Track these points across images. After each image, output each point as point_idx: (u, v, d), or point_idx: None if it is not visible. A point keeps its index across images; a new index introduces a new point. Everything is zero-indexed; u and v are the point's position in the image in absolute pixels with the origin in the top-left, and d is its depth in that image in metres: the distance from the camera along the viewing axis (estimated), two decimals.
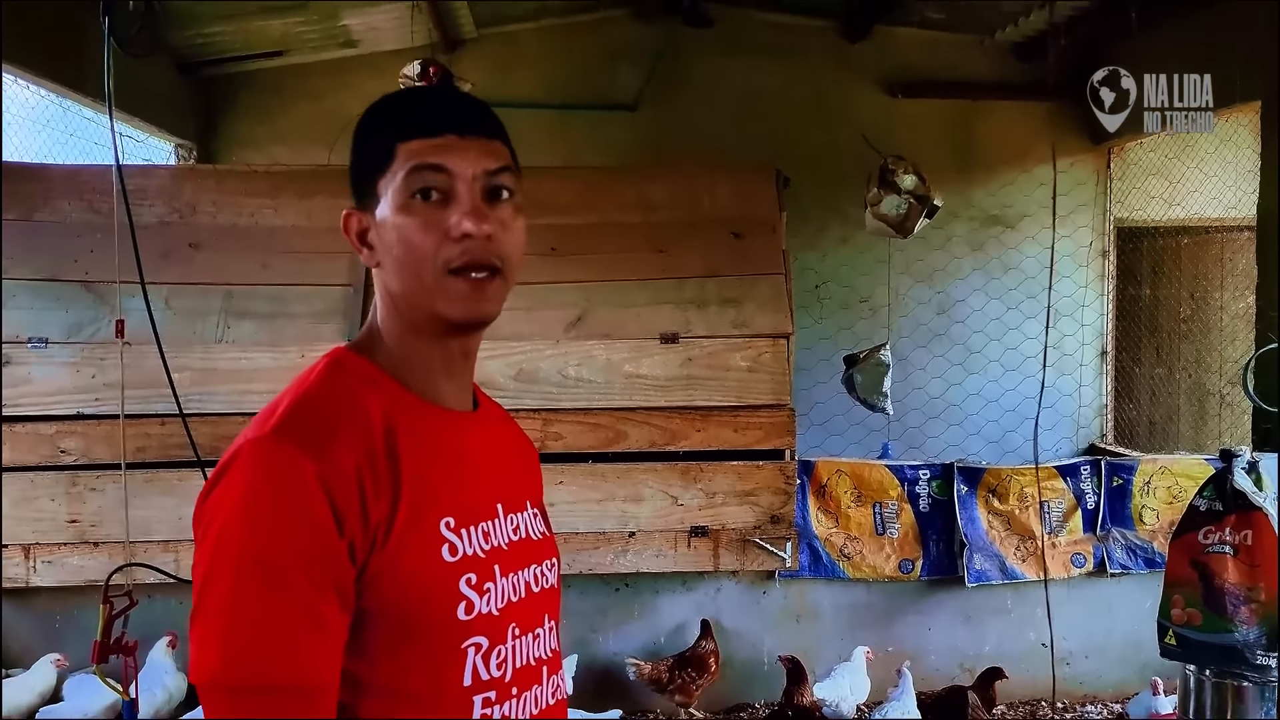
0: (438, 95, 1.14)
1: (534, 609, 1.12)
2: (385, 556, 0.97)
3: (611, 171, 4.43)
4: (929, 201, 4.19)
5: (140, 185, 3.97)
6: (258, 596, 0.92)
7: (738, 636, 4.14)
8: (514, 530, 1.13)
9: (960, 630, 4.22)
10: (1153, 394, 6.67)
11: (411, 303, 1.06)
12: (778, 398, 3.76)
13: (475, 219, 1.03)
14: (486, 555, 1.06)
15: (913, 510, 4.20)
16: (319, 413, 1.00)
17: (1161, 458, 4.46)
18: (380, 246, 1.07)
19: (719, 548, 3.81)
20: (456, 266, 1.03)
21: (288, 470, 0.94)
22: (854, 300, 6.09)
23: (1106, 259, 6.41)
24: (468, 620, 1.02)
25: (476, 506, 1.08)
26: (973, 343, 6.12)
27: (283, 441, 0.95)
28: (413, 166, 1.03)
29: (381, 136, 1.07)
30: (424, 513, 1.01)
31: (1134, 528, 4.25)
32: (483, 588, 1.04)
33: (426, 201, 1.04)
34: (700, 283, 3.87)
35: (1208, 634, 2.97)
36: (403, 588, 0.98)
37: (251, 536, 0.93)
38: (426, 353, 1.10)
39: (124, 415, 3.26)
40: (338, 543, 0.94)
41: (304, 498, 0.93)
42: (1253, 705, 2.95)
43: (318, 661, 0.94)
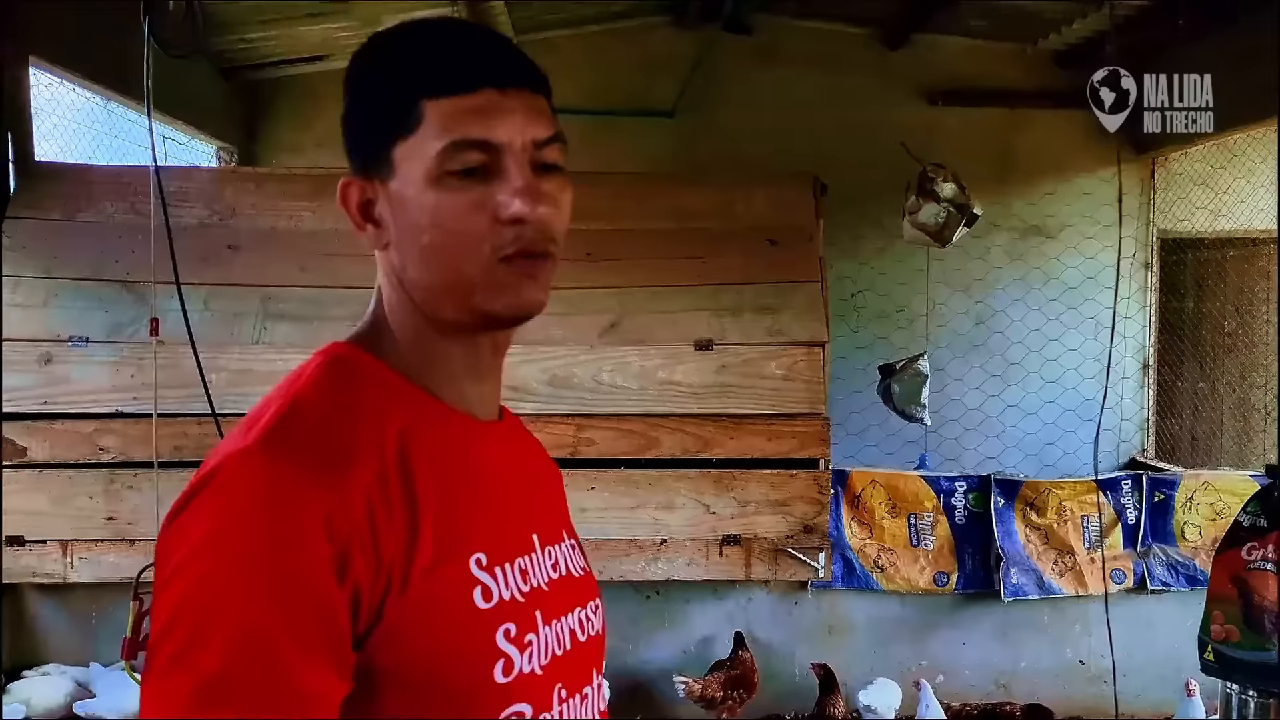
0: (468, 35, 0.87)
1: (581, 663, 0.91)
2: (406, 604, 0.77)
3: (649, 178, 4.41)
4: (968, 210, 4.15)
5: (181, 187, 4.02)
6: (229, 665, 0.70)
7: (769, 647, 4.11)
8: (553, 567, 0.92)
9: (996, 646, 4.16)
10: (1195, 408, 6.56)
11: (442, 296, 0.86)
12: (812, 406, 3.73)
13: (529, 199, 0.83)
14: (526, 599, 0.85)
15: (948, 522, 4.14)
16: (318, 423, 0.81)
17: (1205, 473, 4.37)
18: (398, 227, 0.86)
19: (751, 557, 3.78)
20: (509, 254, 0.84)
21: (279, 495, 0.74)
22: (891, 310, 6.04)
23: (1149, 271, 6.32)
24: (507, 683, 0.81)
25: (511, 539, 0.88)
26: (1012, 354, 6.04)
27: (275, 458, 0.76)
28: (451, 143, 0.82)
29: (399, 88, 0.84)
30: (452, 548, 0.81)
31: (1176, 544, 4.17)
32: (524, 641, 0.83)
33: (467, 177, 0.83)
34: (736, 290, 3.85)
35: (1246, 651, 2.91)
36: (428, 643, 0.78)
37: (227, 582, 0.72)
38: (451, 352, 0.90)
39: (156, 414, 3.29)
40: (336, 594, 0.73)
41: (299, 532, 0.73)
42: None
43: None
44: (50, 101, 4.37)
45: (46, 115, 4.30)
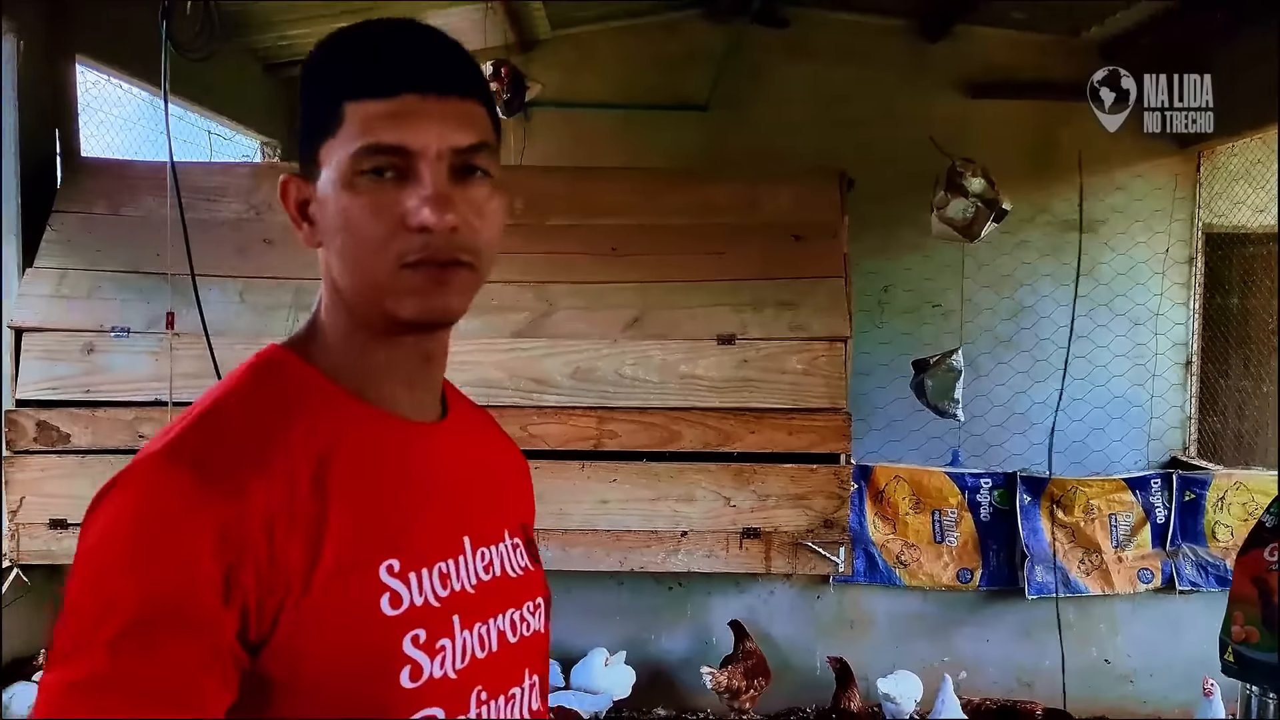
0: (395, 37, 0.86)
1: (509, 665, 0.91)
2: (304, 612, 0.77)
3: (674, 173, 4.44)
4: (997, 206, 4.12)
5: (220, 183, 4.14)
6: (102, 665, 0.72)
7: (790, 641, 4.13)
8: (485, 568, 0.91)
9: (1019, 644, 4.14)
10: (1240, 407, 6.43)
11: (358, 297, 0.87)
12: (833, 401, 3.74)
13: (437, 208, 0.82)
14: (442, 604, 0.85)
15: (973, 519, 4.13)
16: (227, 431, 0.81)
17: (1237, 473, 4.30)
18: (323, 227, 0.86)
19: (770, 550, 3.81)
20: (412, 261, 0.83)
21: (164, 502, 0.76)
22: (924, 305, 6.01)
23: (1193, 266, 6.21)
24: (414, 688, 0.81)
25: (433, 542, 0.88)
26: (1047, 350, 5.97)
27: (170, 464, 0.77)
28: (364, 146, 0.82)
29: (326, 90, 0.85)
30: (360, 555, 0.81)
31: (1206, 544, 4.12)
32: (435, 646, 0.83)
33: (378, 178, 0.83)
34: (758, 285, 3.87)
35: (1264, 653, 2.88)
36: (329, 651, 0.78)
37: (109, 581, 0.74)
38: (377, 354, 0.89)
39: (172, 402, 3.39)
40: (215, 599, 0.74)
41: (184, 542, 0.74)
42: None
43: None
44: (97, 99, 4.52)
45: (93, 112, 4.44)
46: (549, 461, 3.72)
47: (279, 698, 0.78)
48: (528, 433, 3.72)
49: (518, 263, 3.87)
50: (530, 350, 3.79)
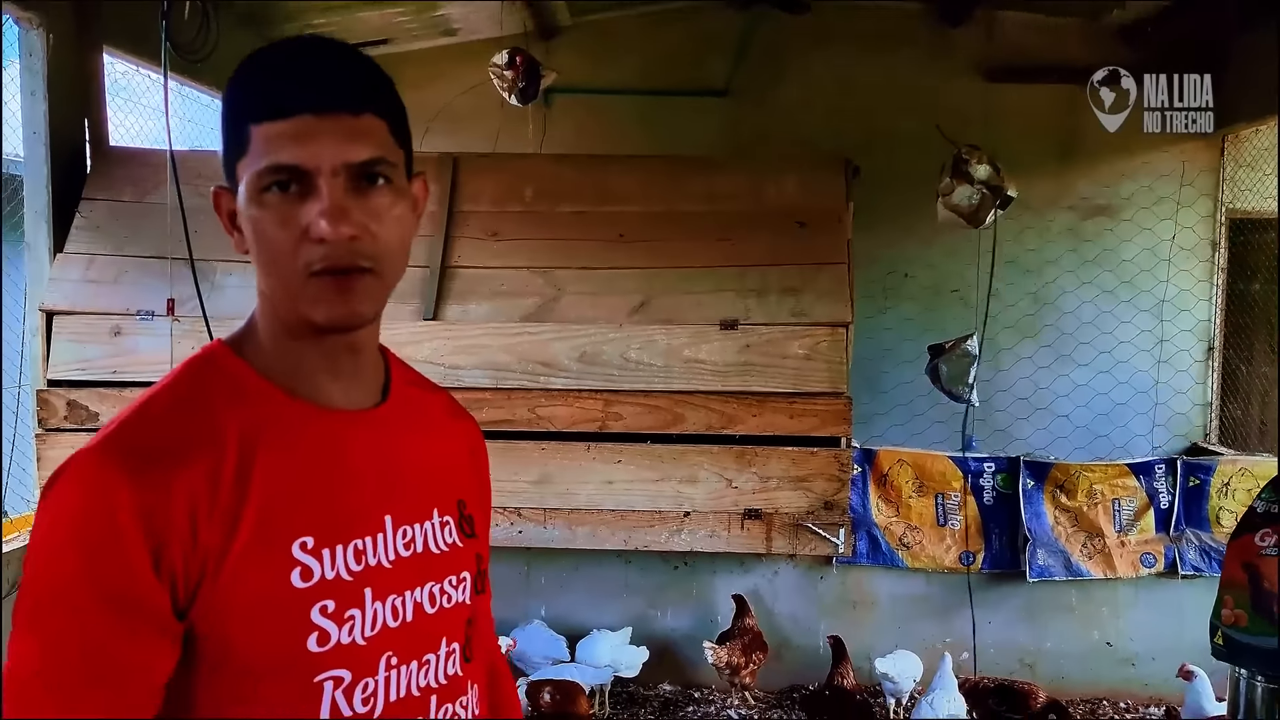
0: (290, 62, 0.93)
1: (423, 633, 1.00)
2: (219, 586, 0.88)
3: (682, 161, 4.49)
4: (1002, 192, 4.14)
5: None
6: (51, 625, 0.85)
7: (794, 621, 4.22)
8: (405, 544, 0.99)
9: (1021, 626, 4.19)
10: (1264, 394, 6.38)
11: (279, 300, 0.96)
12: (834, 386, 3.80)
13: (332, 220, 0.89)
14: (355, 578, 0.94)
15: (976, 503, 4.18)
16: (157, 427, 0.91)
17: (1242, 459, 4.31)
18: (245, 236, 0.95)
19: (771, 531, 3.88)
20: (317, 270, 0.91)
21: (100, 495, 0.86)
22: (945, 289, 6.01)
23: (1217, 251, 6.15)
24: (321, 652, 0.91)
25: (351, 522, 0.96)
26: (1071, 335, 5.97)
27: (105, 459, 0.87)
28: (265, 166, 0.90)
29: (236, 114, 0.93)
30: (274, 534, 0.91)
31: (1210, 530, 4.13)
32: (344, 615, 0.93)
33: (283, 193, 0.91)
34: (762, 271, 3.93)
35: (1253, 636, 2.91)
36: (240, 619, 0.89)
37: (50, 562, 0.86)
38: (303, 351, 0.98)
39: None
40: (149, 575, 0.86)
41: (113, 527, 0.85)
42: None
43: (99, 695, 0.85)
44: (126, 89, 4.66)
45: (122, 101, 4.59)
46: (556, 443, 3.83)
47: (207, 653, 0.90)
48: (536, 415, 3.82)
49: (527, 249, 3.98)
50: (538, 334, 3.89)
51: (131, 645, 0.86)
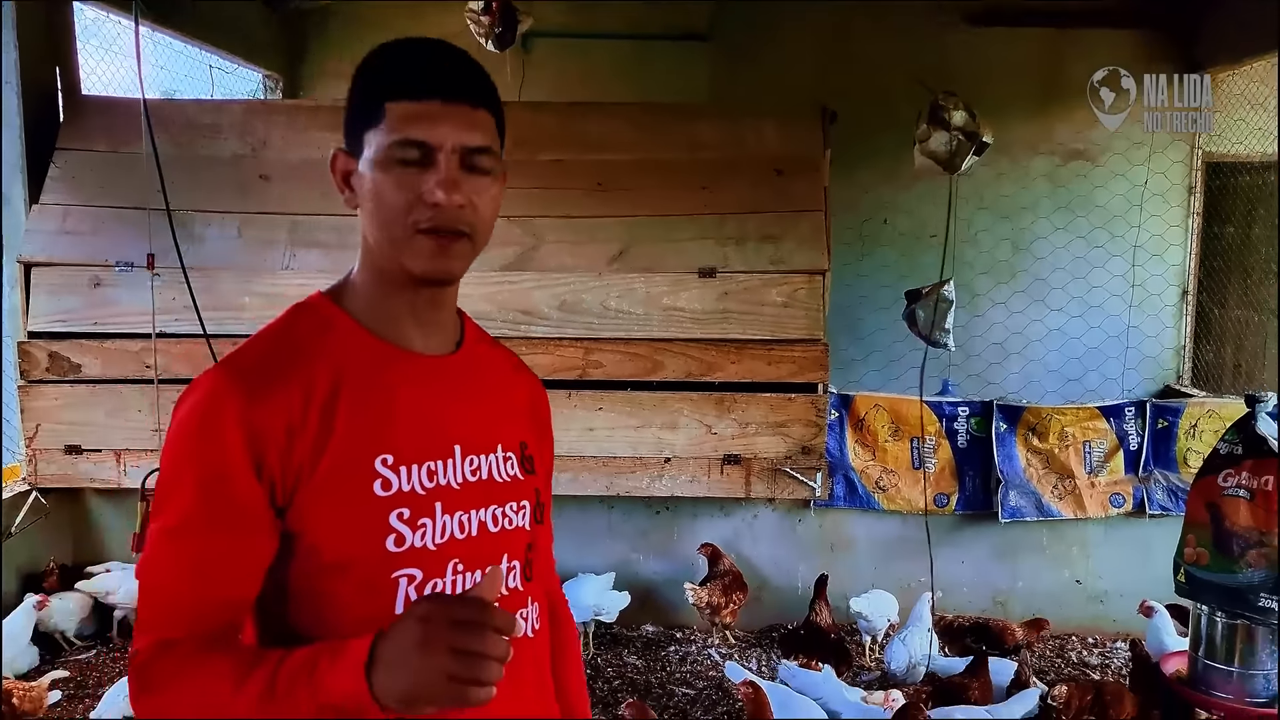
0: (429, 53, 1.11)
1: (486, 547, 1.15)
2: (311, 490, 1.05)
3: (661, 109, 4.49)
4: (978, 138, 4.14)
5: (215, 120, 4.24)
6: (169, 514, 1.05)
7: (773, 563, 4.31)
8: (472, 471, 1.15)
9: (994, 565, 4.29)
10: (1238, 337, 6.47)
11: (382, 253, 1.11)
12: (811, 333, 3.85)
13: (448, 189, 1.07)
14: (427, 493, 1.10)
15: (950, 446, 4.26)
16: (264, 356, 1.09)
17: (1210, 401, 4.39)
18: (361, 195, 1.11)
19: (750, 476, 3.96)
20: (425, 228, 1.08)
21: (215, 406, 1.04)
22: (923, 234, 6.04)
23: (1193, 195, 6.20)
24: (398, 552, 1.07)
25: (425, 446, 1.12)
26: (1046, 280, 6.03)
27: (223, 377, 1.06)
28: (395, 140, 1.07)
29: (372, 89, 1.10)
30: (359, 450, 1.07)
31: (1177, 470, 4.23)
32: (417, 523, 1.09)
33: (406, 164, 1.07)
34: (741, 219, 3.96)
35: (1213, 574, 3.02)
36: (329, 520, 1.06)
37: (176, 461, 1.05)
38: (395, 300, 1.14)
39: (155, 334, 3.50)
40: (250, 477, 1.03)
41: (223, 435, 1.03)
42: (1262, 646, 2.99)
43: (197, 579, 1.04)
44: (98, 35, 4.60)
45: (93, 47, 4.53)
46: None
47: (301, 547, 1.08)
48: None
49: (506, 198, 3.90)
50: (519, 283, 3.91)
51: (232, 531, 1.04)
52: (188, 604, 1.05)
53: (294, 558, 1.07)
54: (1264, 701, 3.02)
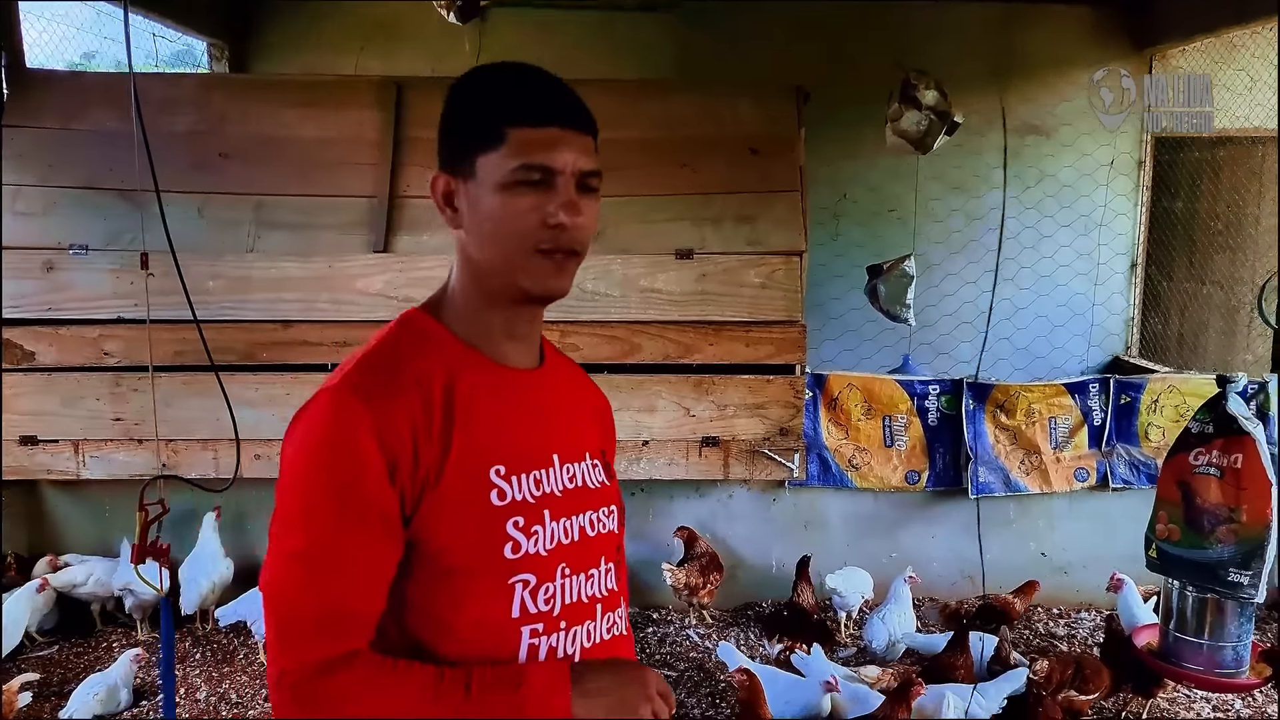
0: (545, 82, 1.18)
1: (588, 551, 1.21)
2: (435, 498, 1.10)
3: (637, 85, 4.38)
4: (949, 118, 4.18)
5: (169, 95, 4.07)
6: (305, 532, 1.09)
7: (749, 542, 4.33)
8: (570, 479, 1.22)
9: (963, 540, 4.36)
10: (1183, 309, 6.64)
11: (494, 272, 1.16)
12: (789, 314, 3.85)
13: (570, 212, 1.13)
14: (536, 501, 1.17)
15: (921, 424, 4.31)
16: (381, 369, 1.14)
17: (1171, 376, 4.50)
18: (470, 217, 1.16)
19: (729, 458, 3.96)
20: (546, 249, 1.14)
21: (345, 420, 1.08)
22: (882, 211, 6.08)
23: (1142, 169, 6.32)
24: (514, 559, 1.14)
25: (530, 456, 1.18)
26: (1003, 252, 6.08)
27: (348, 394, 1.10)
28: (522, 164, 1.11)
29: (488, 114, 1.14)
30: (475, 461, 1.13)
31: (1139, 444, 4.33)
32: (530, 530, 1.15)
33: (528, 186, 1.12)
34: (718, 199, 3.93)
35: (1184, 549, 3.10)
36: (451, 526, 1.11)
37: (308, 478, 1.09)
38: (495, 316, 1.19)
39: (150, 319, 3.38)
40: (384, 483, 1.08)
41: (356, 444, 1.07)
42: (1231, 620, 3.09)
43: (340, 593, 1.09)
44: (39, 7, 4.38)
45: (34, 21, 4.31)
46: None
47: (423, 555, 1.12)
48: None
49: None
50: None
51: (368, 541, 1.09)
52: (335, 620, 1.09)
53: (414, 565, 1.12)
54: (1232, 672, 3.13)
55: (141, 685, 3.66)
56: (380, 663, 1.09)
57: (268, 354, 3.89)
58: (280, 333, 3.88)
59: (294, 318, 3.87)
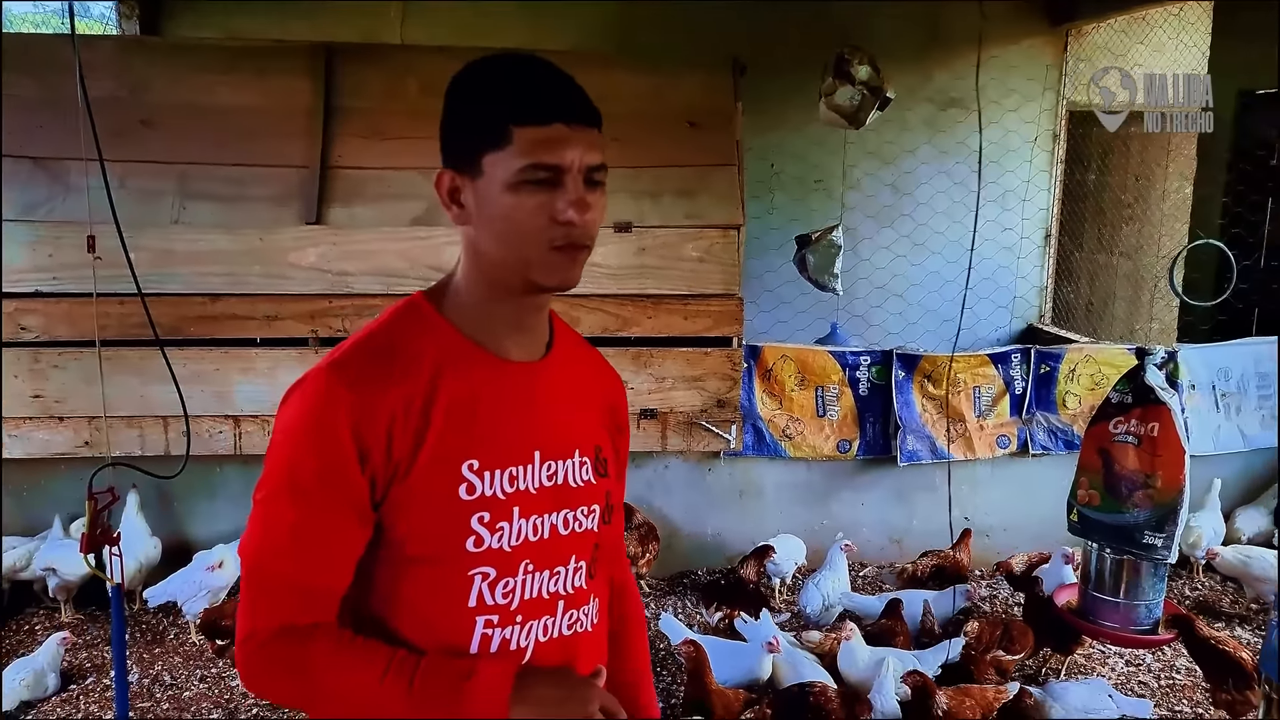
0: (549, 77, 1.17)
1: (556, 549, 1.22)
2: (405, 487, 1.13)
3: (574, 57, 4.32)
4: (882, 93, 4.24)
5: (86, 59, 3.85)
6: (283, 504, 1.13)
7: (685, 512, 4.39)
8: (549, 476, 1.22)
9: (892, 506, 4.50)
10: (1092, 278, 6.90)
11: (506, 267, 1.17)
12: (727, 287, 3.90)
13: (580, 209, 1.13)
14: (507, 497, 1.18)
15: (853, 394, 4.41)
16: (372, 357, 1.16)
17: (1088, 346, 4.68)
18: (479, 214, 1.16)
19: (667, 429, 4.01)
20: (559, 245, 1.14)
21: (326, 402, 1.12)
22: (810, 179, 6.15)
23: (1057, 143, 6.51)
24: (476, 553, 1.16)
25: (509, 452, 1.19)
26: (926, 224, 6.23)
27: (335, 378, 1.13)
28: (530, 163, 1.11)
29: (493, 112, 1.13)
30: (449, 454, 1.15)
31: (1057, 412, 4.51)
32: (495, 526, 1.17)
33: (536, 185, 1.12)
34: (656, 173, 3.94)
35: (1104, 514, 3.26)
36: (417, 518, 1.14)
37: (289, 452, 1.13)
38: (502, 308, 1.20)
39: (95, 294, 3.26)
40: (355, 466, 1.11)
41: (333, 430, 1.11)
42: (1145, 580, 3.26)
43: (314, 567, 1.13)
44: None
45: None
46: None
47: (388, 540, 1.16)
48: None
49: (414, 148, 3.81)
50: (429, 238, 3.80)
51: (340, 520, 1.13)
52: (304, 591, 1.14)
53: (380, 548, 1.16)
54: (1146, 629, 3.30)
55: (69, 669, 3.57)
56: (340, 636, 1.13)
57: (195, 328, 3.79)
58: (208, 306, 3.78)
59: (222, 291, 3.78)
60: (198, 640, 3.75)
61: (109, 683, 3.44)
